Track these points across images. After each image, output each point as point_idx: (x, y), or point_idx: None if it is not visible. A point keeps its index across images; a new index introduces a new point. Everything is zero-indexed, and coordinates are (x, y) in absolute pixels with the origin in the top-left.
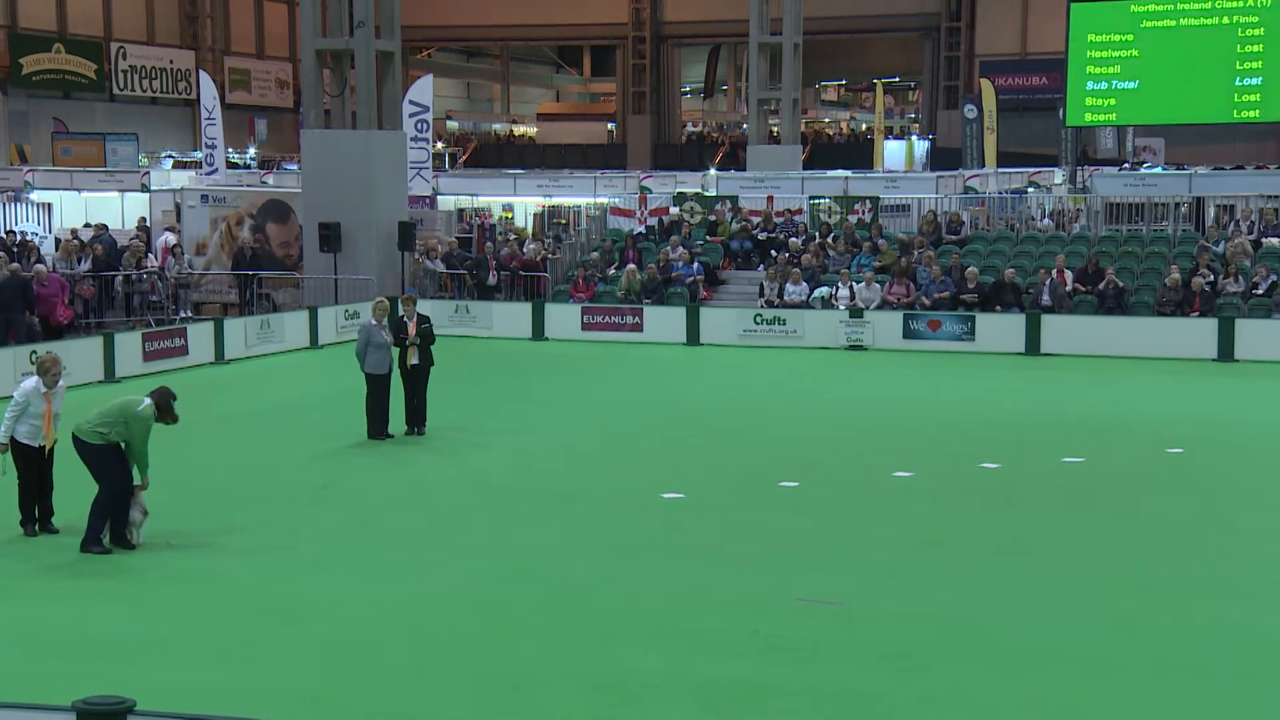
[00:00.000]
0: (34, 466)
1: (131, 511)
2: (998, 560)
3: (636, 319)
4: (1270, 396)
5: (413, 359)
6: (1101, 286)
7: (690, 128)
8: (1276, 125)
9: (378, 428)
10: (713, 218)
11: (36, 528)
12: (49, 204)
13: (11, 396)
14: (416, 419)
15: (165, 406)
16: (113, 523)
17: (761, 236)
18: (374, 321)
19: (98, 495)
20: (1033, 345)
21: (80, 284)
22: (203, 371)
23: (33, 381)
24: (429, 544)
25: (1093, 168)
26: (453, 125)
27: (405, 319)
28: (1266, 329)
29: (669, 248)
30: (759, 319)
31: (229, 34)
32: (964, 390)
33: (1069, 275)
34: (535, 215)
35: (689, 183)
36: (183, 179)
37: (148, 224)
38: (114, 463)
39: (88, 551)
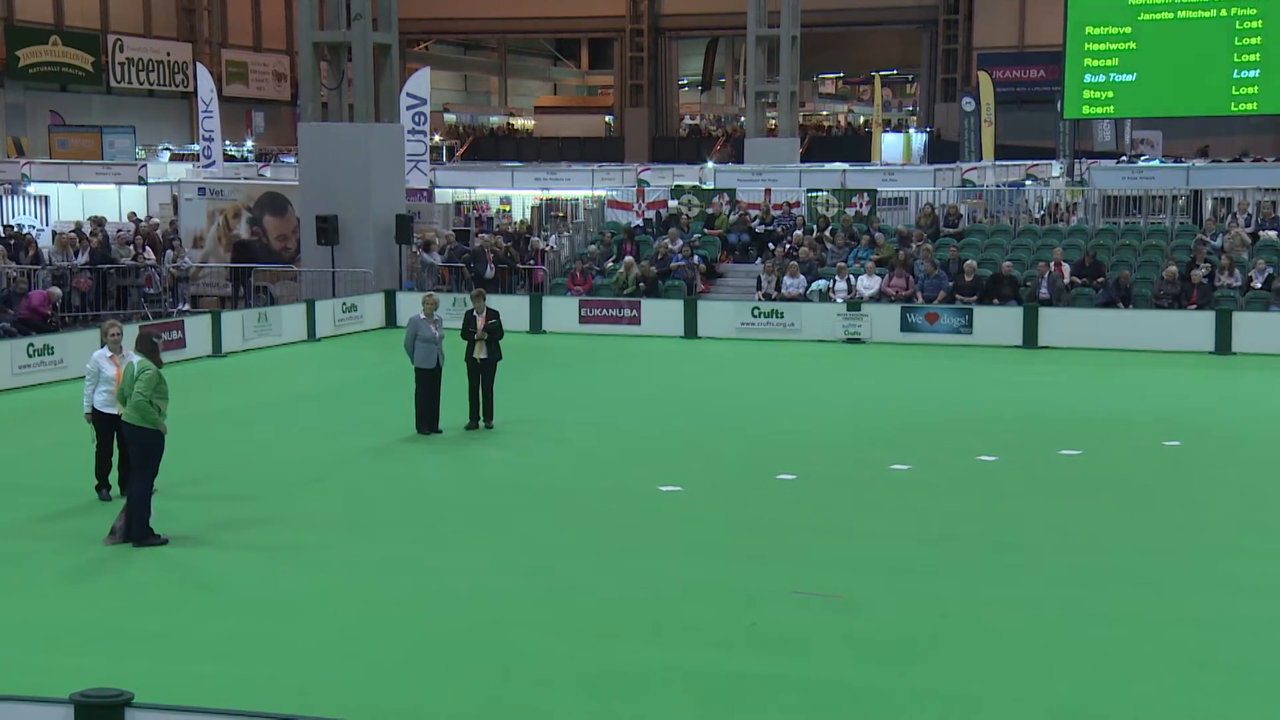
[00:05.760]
0: (111, 433)
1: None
2: (995, 553)
3: (634, 312)
4: (1268, 389)
5: (480, 353)
6: (1108, 280)
7: (688, 121)
8: (1274, 118)
9: (428, 422)
10: (710, 210)
11: (110, 493)
12: (46, 197)
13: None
14: (485, 412)
15: (149, 349)
16: (129, 511)
17: (759, 229)
18: (423, 316)
19: (133, 488)
20: (1030, 338)
21: (77, 277)
22: (200, 364)
23: (100, 349)
24: (425, 537)
25: (1090, 160)
26: (450, 118)
27: (475, 314)
28: (1264, 322)
29: (667, 240)
30: (757, 312)
31: (226, 26)
32: (961, 383)
33: (1067, 268)
34: (533, 208)
35: (687, 176)
36: (180, 172)
37: (139, 218)
38: (159, 449)
39: (144, 545)
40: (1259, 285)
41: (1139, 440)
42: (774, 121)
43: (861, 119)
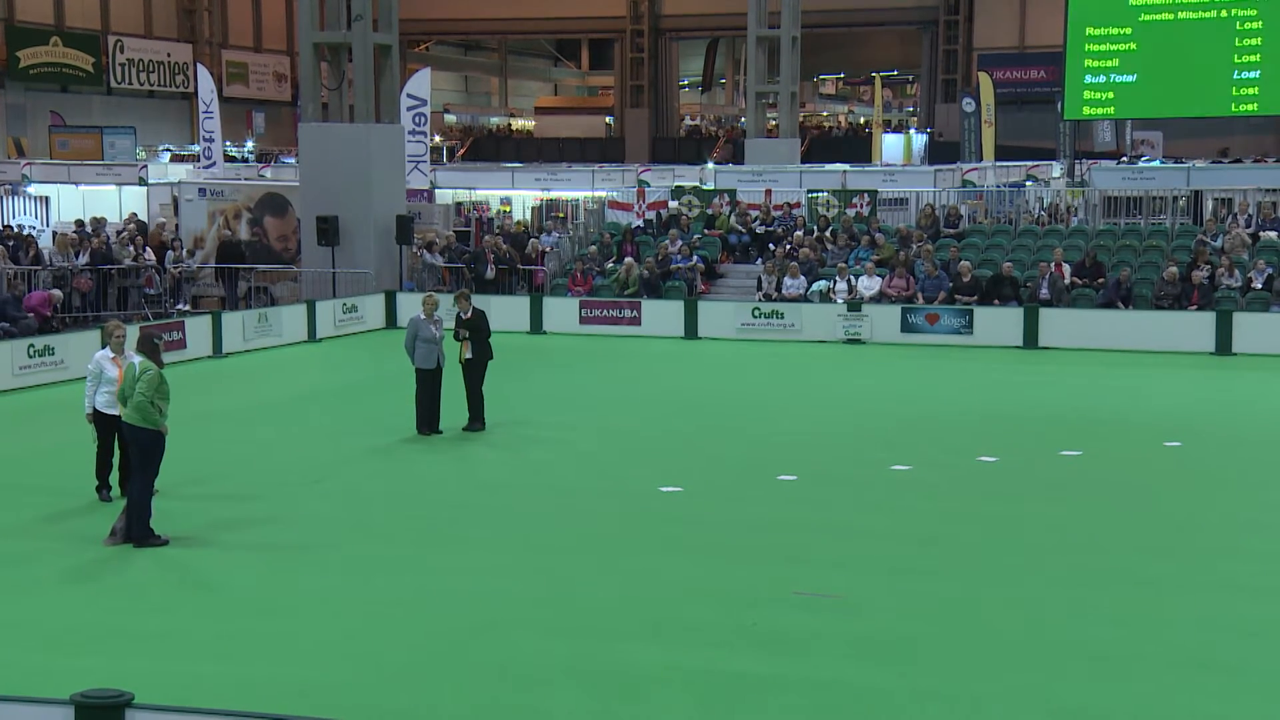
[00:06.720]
0: (112, 433)
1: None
2: (996, 553)
3: (634, 312)
4: (1268, 389)
5: (465, 354)
6: (1109, 280)
7: (688, 121)
8: (1274, 118)
9: (428, 423)
10: (710, 211)
11: (111, 494)
12: (46, 197)
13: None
14: (475, 413)
15: (151, 350)
16: (130, 512)
17: (760, 230)
18: (423, 316)
19: (134, 488)
20: (1030, 339)
21: (78, 278)
22: (201, 365)
23: (102, 350)
24: (426, 538)
25: (1090, 161)
26: (450, 119)
27: (461, 314)
28: (1264, 322)
29: (667, 241)
30: (757, 313)
31: (226, 27)
32: (962, 384)
33: (1067, 269)
34: (534, 209)
35: (687, 176)
36: (180, 172)
37: (140, 218)
38: (160, 450)
39: (145, 546)
40: (1259, 286)
41: (1139, 440)
42: (774, 122)
43: (862, 119)
